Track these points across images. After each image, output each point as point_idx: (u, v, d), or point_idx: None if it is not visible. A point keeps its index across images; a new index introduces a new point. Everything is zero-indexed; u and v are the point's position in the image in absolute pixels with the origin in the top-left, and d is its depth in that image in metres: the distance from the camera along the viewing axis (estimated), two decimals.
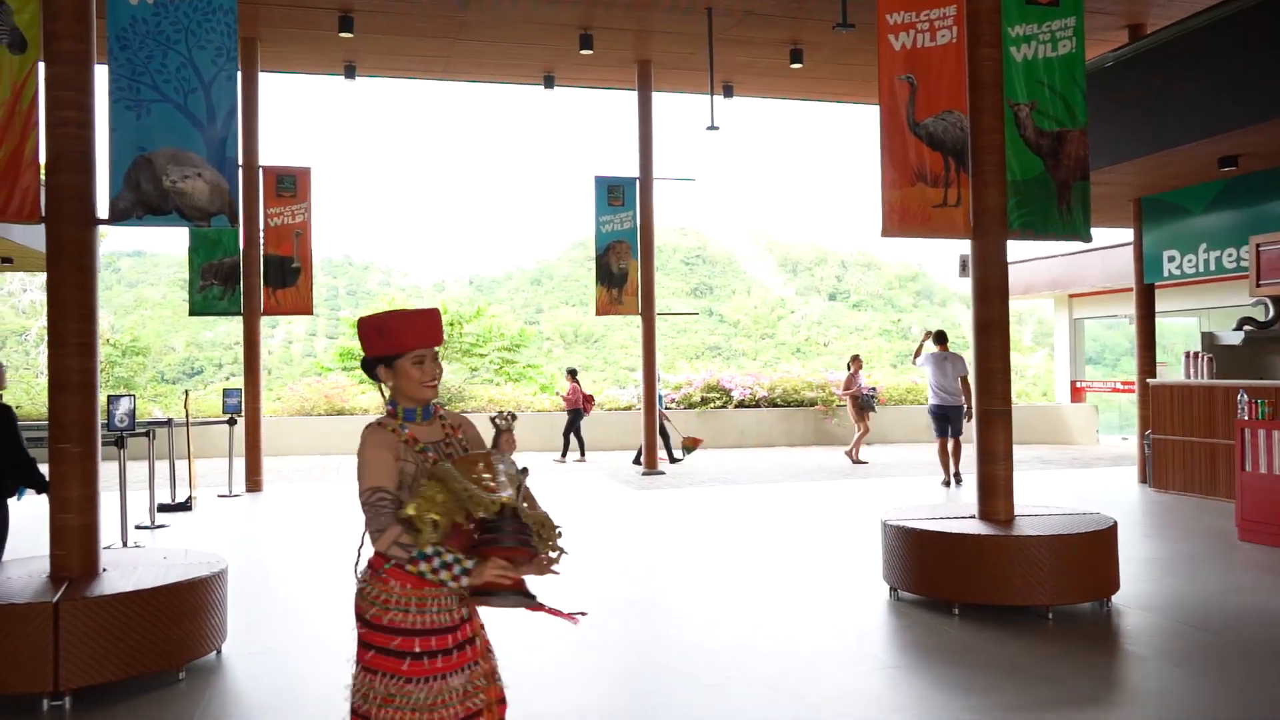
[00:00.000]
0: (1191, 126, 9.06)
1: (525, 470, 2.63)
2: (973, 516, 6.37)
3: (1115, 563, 5.98)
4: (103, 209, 5.11)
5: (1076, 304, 19.10)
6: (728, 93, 14.66)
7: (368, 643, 2.56)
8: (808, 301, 61.00)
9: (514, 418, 2.68)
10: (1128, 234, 15.96)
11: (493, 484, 2.46)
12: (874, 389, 15.54)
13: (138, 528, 9.56)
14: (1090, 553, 5.78)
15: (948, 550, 5.87)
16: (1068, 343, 19.45)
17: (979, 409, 6.38)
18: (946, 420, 11.81)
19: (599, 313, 14.01)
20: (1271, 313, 11.99)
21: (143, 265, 54.40)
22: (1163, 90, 9.44)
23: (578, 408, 16.43)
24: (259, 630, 5.71)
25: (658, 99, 14.26)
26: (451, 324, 24.63)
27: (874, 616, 5.98)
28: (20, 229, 12.30)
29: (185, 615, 4.67)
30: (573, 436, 16.45)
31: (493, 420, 2.67)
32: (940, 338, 12.03)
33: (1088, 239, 6.57)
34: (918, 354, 12.50)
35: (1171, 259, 11.57)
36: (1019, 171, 6.42)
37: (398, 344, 2.63)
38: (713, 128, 12.52)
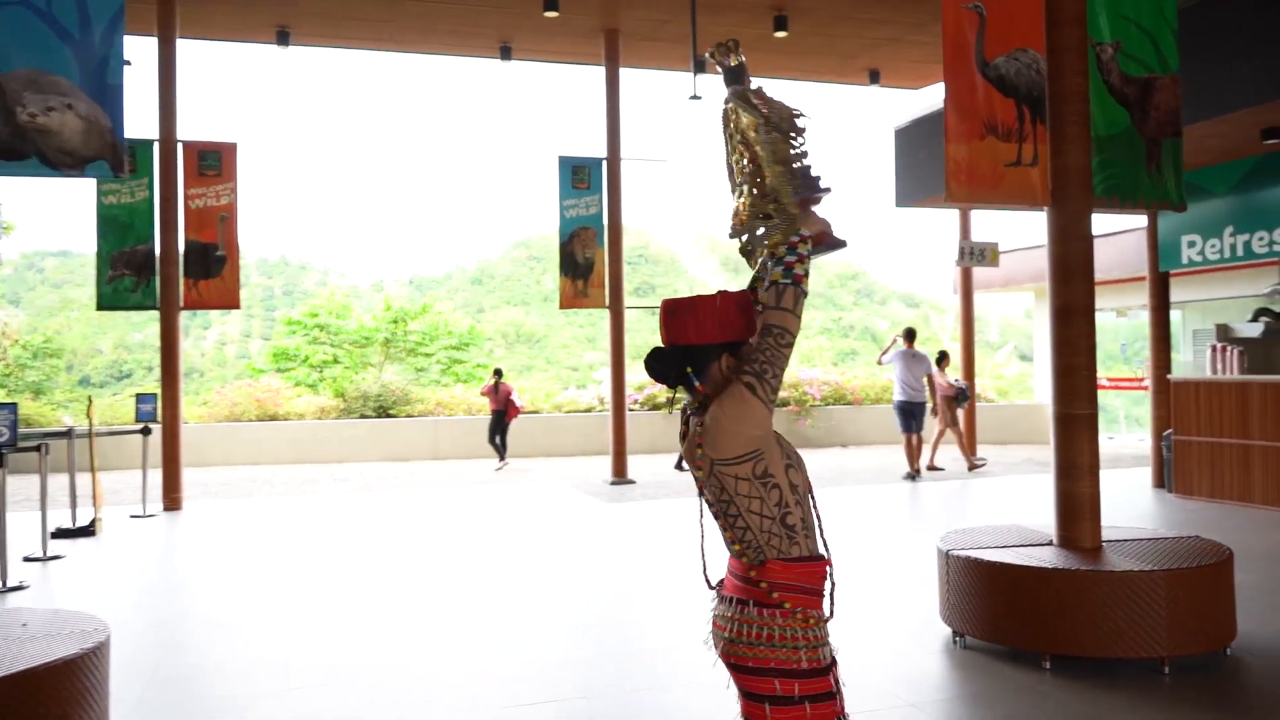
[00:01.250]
0: (1241, 91, 8.08)
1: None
2: (1049, 543, 5.25)
3: (1233, 602, 4.89)
4: None
5: None
6: (700, 69, 13.46)
7: (812, 694, 2.17)
8: None
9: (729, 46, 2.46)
10: (1120, 220, 15.17)
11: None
12: (964, 385, 13.62)
13: (26, 560, 8.06)
14: (1208, 590, 4.68)
15: (1034, 589, 4.72)
16: (1050, 338, 18.62)
17: (1057, 410, 5.26)
18: (911, 416, 12.30)
19: (563, 306, 12.73)
20: None
21: (69, 265, 51.75)
22: (1204, 51, 8.45)
23: (502, 409, 15.41)
24: None
25: (627, 77, 13.04)
26: (395, 321, 23.11)
27: (936, 669, 4.82)
28: None
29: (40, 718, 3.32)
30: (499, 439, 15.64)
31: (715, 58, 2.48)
32: (910, 335, 12.56)
33: (1181, 206, 5.50)
34: (885, 354, 12.89)
35: (1192, 244, 10.65)
36: (1102, 125, 5.32)
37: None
38: (695, 97, 11.32)
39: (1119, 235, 15.99)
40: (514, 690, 4.57)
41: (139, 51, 11.20)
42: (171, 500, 11.07)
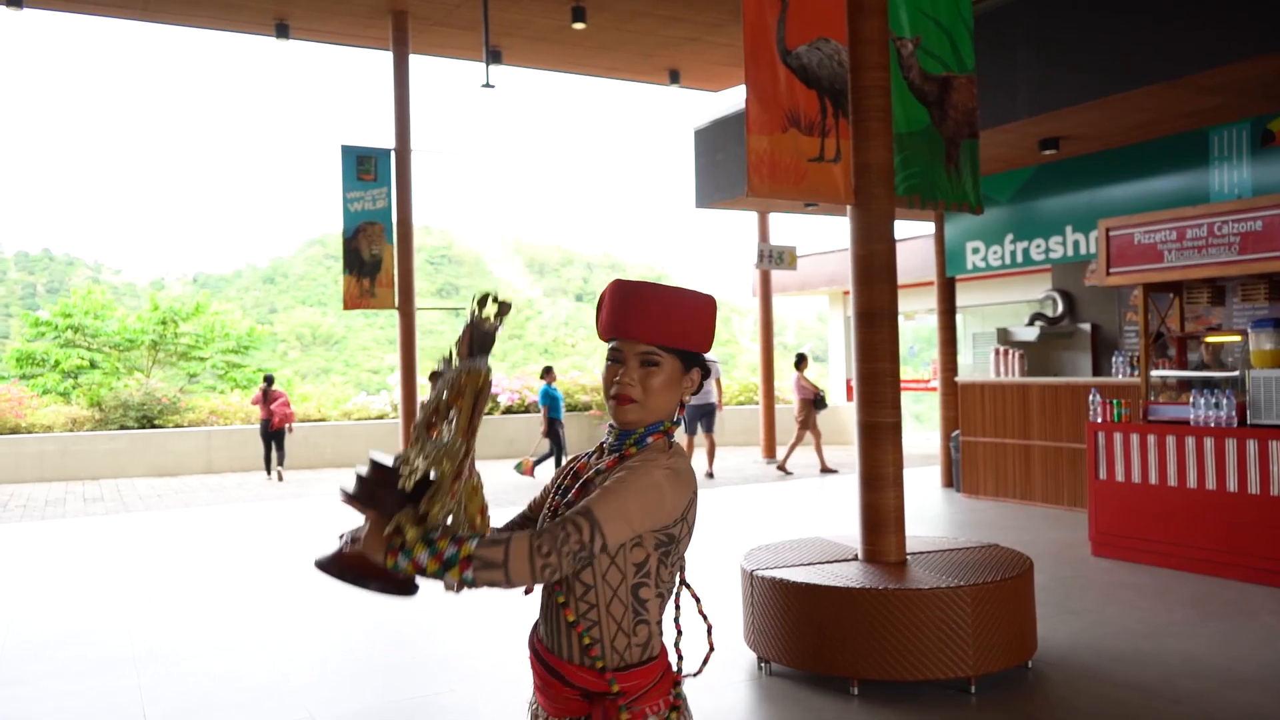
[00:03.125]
0: (1024, 101, 8.28)
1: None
2: (855, 558, 5.01)
3: (1034, 614, 4.79)
4: None
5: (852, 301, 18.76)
6: (495, 58, 12.85)
7: None
8: (555, 303, 60.66)
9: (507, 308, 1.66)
10: (906, 227, 15.67)
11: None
12: (823, 390, 13.87)
13: None
14: (1012, 604, 4.54)
15: (840, 610, 4.44)
16: (842, 341, 19.13)
17: (861, 418, 5.02)
18: (704, 417, 13.01)
19: (347, 306, 11.82)
20: (1062, 307, 11.75)
21: None
22: (989, 59, 8.62)
23: (268, 418, 14.38)
24: None
25: (418, 64, 12.27)
26: (164, 323, 21.15)
27: (740, 701, 4.47)
28: None
29: None
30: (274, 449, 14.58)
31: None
32: None
33: (978, 209, 5.40)
34: None
35: (976, 250, 10.98)
36: (904, 123, 5.14)
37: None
38: (488, 85, 10.70)
39: (903, 243, 16.55)
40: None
41: None
42: None
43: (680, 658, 1.81)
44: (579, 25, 11.15)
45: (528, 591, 1.68)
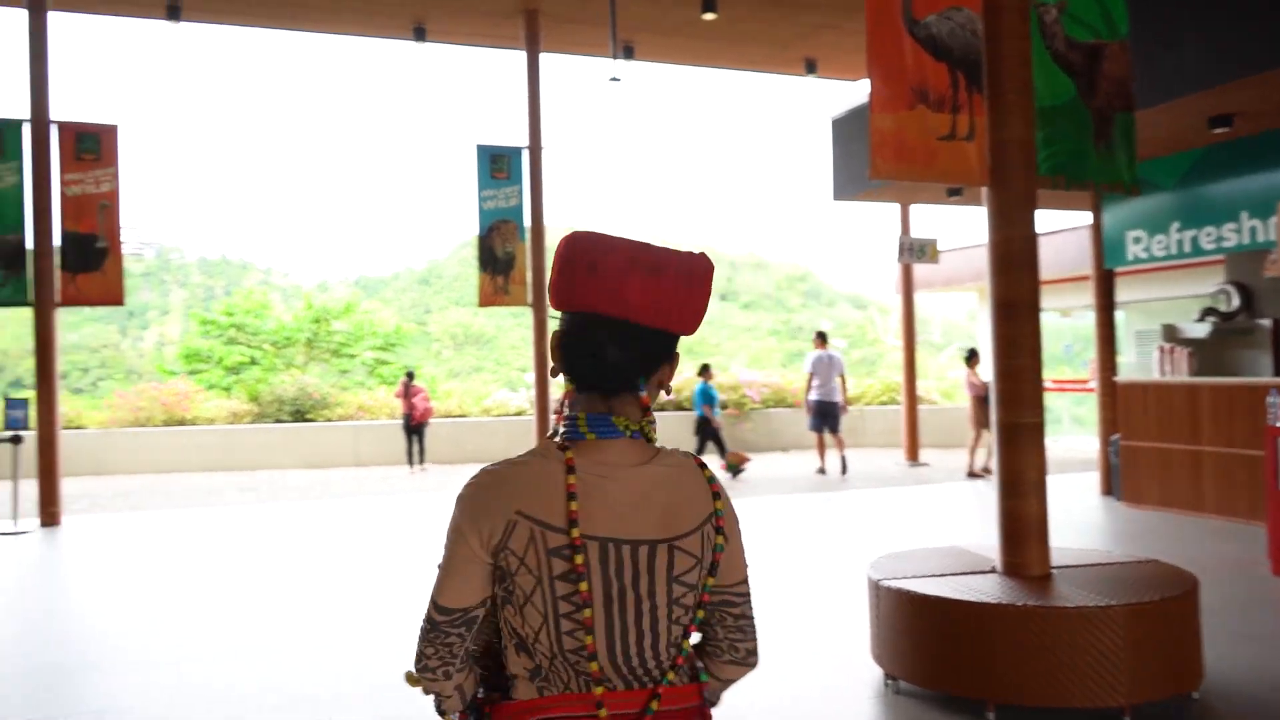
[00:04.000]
0: (1190, 73, 7.56)
1: None
2: (992, 570, 4.62)
3: (1199, 638, 4.29)
4: None
5: None
6: (628, 54, 12.77)
7: None
8: None
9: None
10: (1059, 218, 14.76)
11: None
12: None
13: None
14: (1173, 626, 4.07)
15: (976, 627, 4.07)
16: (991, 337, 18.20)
17: (1000, 419, 4.62)
18: (824, 416, 12.84)
19: (482, 304, 11.96)
20: (1237, 301, 10.75)
21: None
22: (1149, 29, 7.92)
23: (409, 413, 14.77)
24: None
25: (550, 64, 12.30)
26: (317, 321, 22.06)
27: None
28: None
29: None
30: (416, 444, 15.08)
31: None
32: (821, 337, 13.27)
33: (1134, 188, 4.89)
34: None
35: (1137, 240, 10.17)
36: (1046, 96, 4.70)
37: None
38: (615, 79, 10.61)
39: (1057, 235, 15.62)
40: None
41: (6, 24, 10.20)
42: (48, 515, 10.11)
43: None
44: (709, 15, 10.91)
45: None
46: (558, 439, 1.48)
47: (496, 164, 11.78)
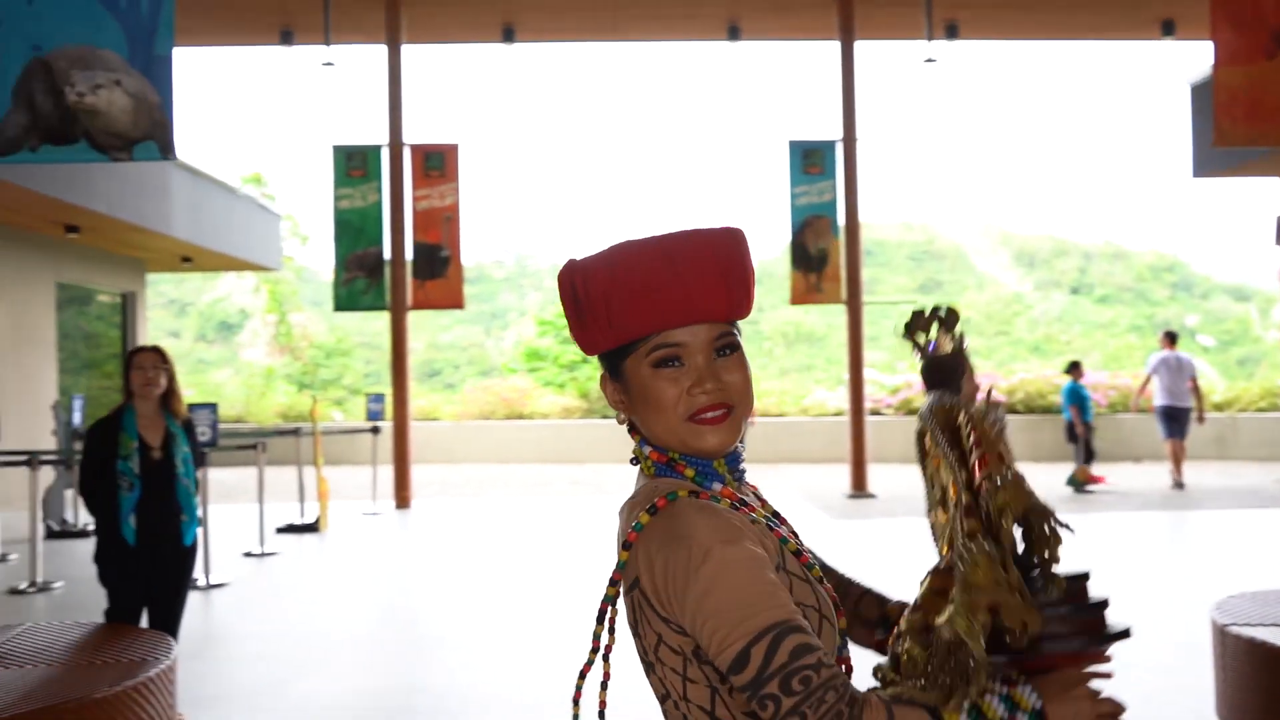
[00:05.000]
0: None
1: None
2: None
3: None
4: None
5: None
6: (950, 33, 11.98)
7: None
8: (1047, 296, 56.35)
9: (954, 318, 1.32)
10: None
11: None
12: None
13: (245, 555, 8.28)
14: None
15: None
16: None
17: None
18: (1174, 421, 11.88)
19: (794, 301, 11.84)
20: None
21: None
22: None
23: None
24: None
25: (864, 50, 11.86)
26: None
27: None
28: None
29: None
30: None
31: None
32: (1170, 338, 12.25)
33: None
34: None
35: None
36: None
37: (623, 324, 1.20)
38: (930, 61, 10.01)
39: None
40: None
41: (367, 60, 11.47)
42: (401, 498, 11.24)
43: None
44: None
45: None
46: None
47: (809, 159, 11.53)
